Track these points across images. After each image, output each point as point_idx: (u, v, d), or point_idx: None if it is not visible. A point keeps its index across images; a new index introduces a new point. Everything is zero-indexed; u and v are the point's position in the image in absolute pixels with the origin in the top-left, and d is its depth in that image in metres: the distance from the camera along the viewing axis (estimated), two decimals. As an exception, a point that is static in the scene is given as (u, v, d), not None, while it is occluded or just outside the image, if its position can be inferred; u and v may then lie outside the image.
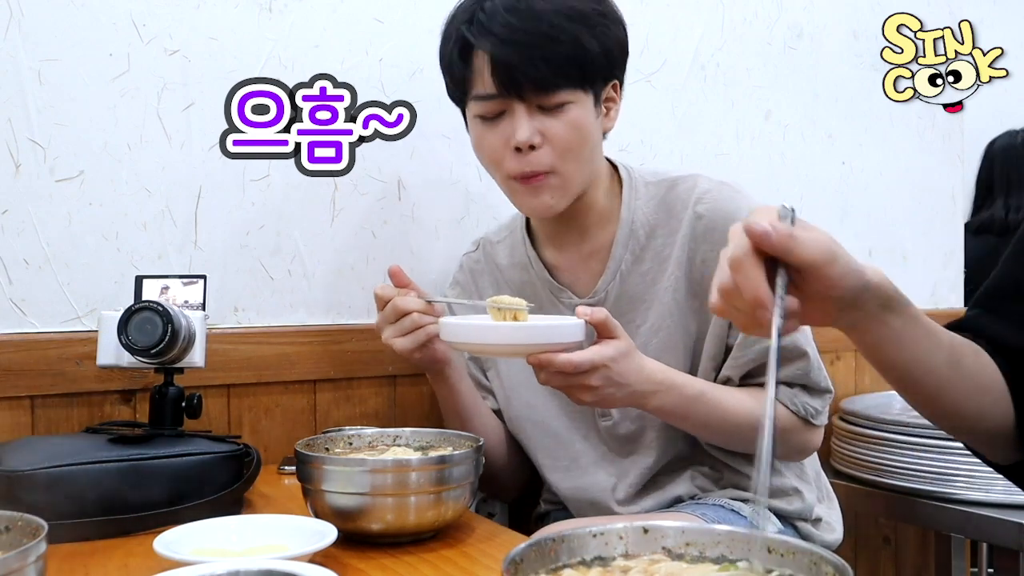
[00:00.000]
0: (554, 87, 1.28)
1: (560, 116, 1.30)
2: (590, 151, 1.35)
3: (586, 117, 1.32)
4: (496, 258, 1.53)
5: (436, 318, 1.30)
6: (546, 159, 1.31)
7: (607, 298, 1.40)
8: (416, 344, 1.31)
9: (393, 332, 1.32)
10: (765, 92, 2.04)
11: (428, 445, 1.26)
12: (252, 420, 1.57)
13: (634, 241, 1.40)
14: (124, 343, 1.24)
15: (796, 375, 1.35)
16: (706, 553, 0.77)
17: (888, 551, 2.14)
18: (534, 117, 1.30)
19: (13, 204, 1.43)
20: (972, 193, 3.13)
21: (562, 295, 1.44)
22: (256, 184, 1.58)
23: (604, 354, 1.17)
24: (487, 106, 1.32)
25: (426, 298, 1.33)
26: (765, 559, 0.75)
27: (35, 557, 0.76)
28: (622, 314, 1.38)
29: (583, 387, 1.19)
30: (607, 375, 1.18)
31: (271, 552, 0.97)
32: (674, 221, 1.38)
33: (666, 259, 1.38)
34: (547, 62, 1.26)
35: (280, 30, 1.59)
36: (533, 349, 1.16)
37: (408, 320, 1.31)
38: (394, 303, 1.31)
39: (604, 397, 1.20)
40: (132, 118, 1.49)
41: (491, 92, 1.30)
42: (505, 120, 1.31)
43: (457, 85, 1.36)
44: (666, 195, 1.40)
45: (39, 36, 1.43)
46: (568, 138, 1.30)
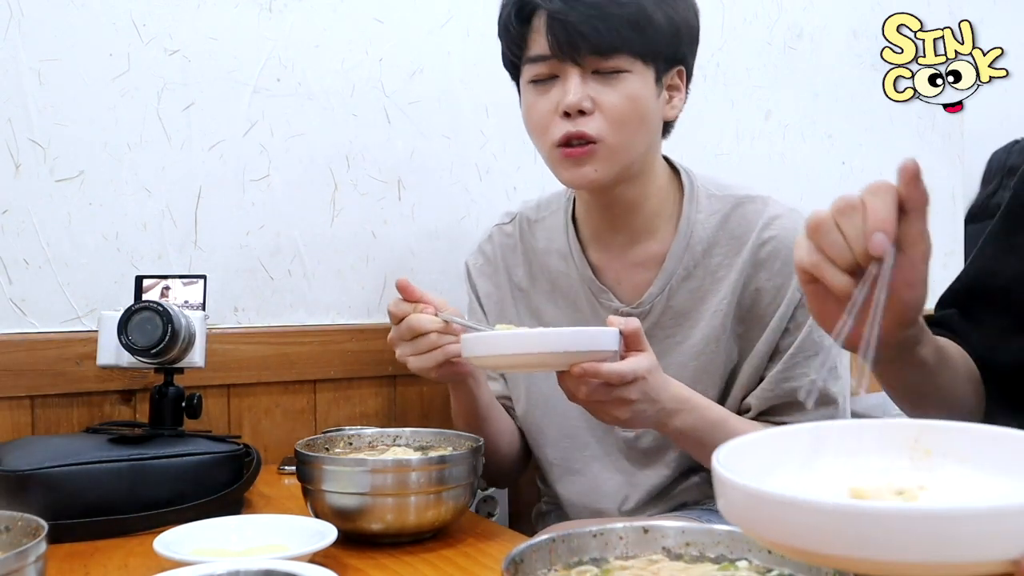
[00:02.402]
0: (611, 50, 1.21)
1: (615, 84, 1.23)
2: (644, 129, 1.27)
3: (643, 91, 1.25)
4: (533, 238, 1.45)
5: (455, 336, 1.23)
6: (595, 127, 1.23)
7: (652, 311, 1.34)
8: (435, 364, 1.24)
9: (409, 350, 1.25)
10: (765, 92, 2.04)
11: (428, 445, 1.26)
12: (252, 420, 1.57)
13: (689, 255, 1.33)
14: (124, 343, 1.24)
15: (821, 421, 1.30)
16: (706, 553, 0.77)
17: (888, 551, 2.14)
18: (588, 83, 1.23)
19: (13, 204, 1.43)
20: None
21: (603, 297, 1.36)
22: (256, 184, 1.58)
23: (642, 365, 1.09)
24: (540, 68, 1.26)
25: (442, 315, 1.24)
26: (765, 559, 0.75)
27: (35, 557, 0.76)
28: (664, 328, 1.34)
29: (621, 401, 1.10)
30: (643, 388, 1.10)
31: (271, 552, 0.97)
32: (736, 243, 1.31)
33: (720, 280, 1.31)
34: (606, 22, 1.20)
35: (280, 30, 1.59)
36: (572, 358, 1.06)
37: (425, 341, 1.24)
38: (409, 322, 1.24)
39: (637, 414, 1.11)
40: (132, 118, 1.49)
41: (545, 53, 1.24)
42: (557, 85, 1.25)
43: (512, 46, 1.29)
44: (731, 213, 1.33)
45: (39, 36, 1.43)
46: (621, 108, 1.23)
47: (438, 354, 1.24)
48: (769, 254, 1.30)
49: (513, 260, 1.47)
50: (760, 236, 1.30)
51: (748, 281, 1.31)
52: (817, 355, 1.29)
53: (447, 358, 1.24)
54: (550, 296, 1.42)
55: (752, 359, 1.31)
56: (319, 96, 1.62)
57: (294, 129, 1.60)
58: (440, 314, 1.24)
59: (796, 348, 1.28)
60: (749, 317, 1.32)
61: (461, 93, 1.73)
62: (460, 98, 1.73)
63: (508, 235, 1.48)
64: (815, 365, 1.28)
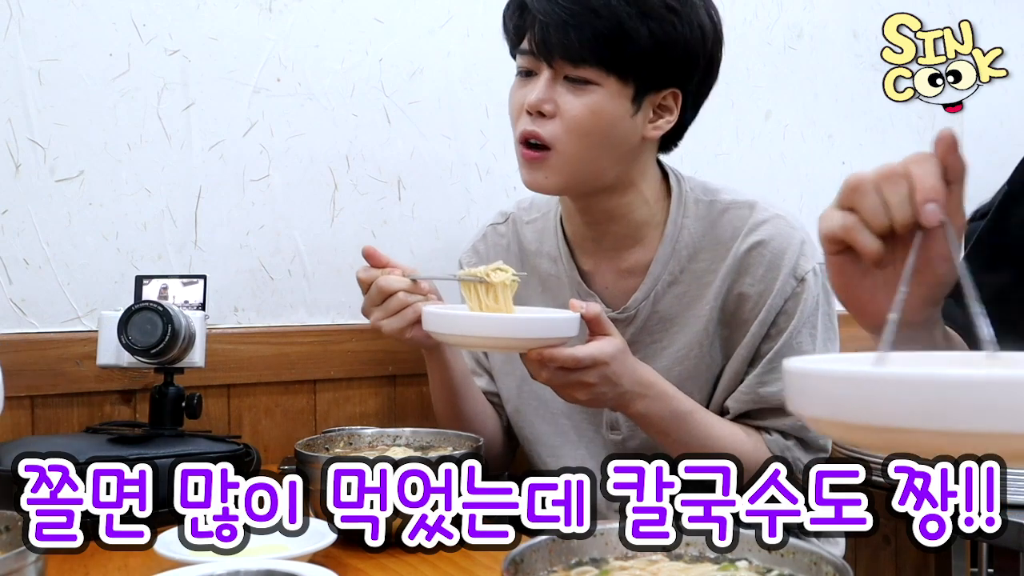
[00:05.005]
0: (580, 60, 1.22)
1: (581, 94, 1.24)
2: (607, 144, 1.26)
3: (610, 107, 1.24)
4: (525, 239, 1.47)
5: (424, 295, 1.28)
6: (550, 131, 1.25)
7: (638, 316, 1.36)
8: (405, 323, 1.27)
9: (380, 314, 1.28)
10: (765, 92, 2.03)
11: (428, 445, 1.26)
12: (252, 420, 1.57)
13: (675, 261, 1.34)
14: (124, 343, 1.24)
15: (795, 427, 1.30)
16: (706, 553, 0.77)
17: (888, 551, 2.14)
18: (555, 87, 1.24)
19: (13, 204, 1.43)
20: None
21: (591, 300, 1.36)
22: (256, 184, 1.58)
23: (604, 351, 1.15)
24: (523, 60, 1.28)
25: (410, 276, 1.29)
26: (765, 559, 0.75)
27: (35, 557, 0.76)
28: (650, 333, 1.36)
29: (580, 384, 1.16)
30: (604, 373, 1.15)
31: (271, 552, 0.97)
32: (721, 248, 1.32)
33: (706, 286, 1.33)
34: (579, 32, 1.20)
35: (280, 30, 1.59)
36: (529, 344, 1.12)
37: (395, 300, 1.27)
38: (378, 284, 1.28)
39: (596, 396, 1.18)
40: (132, 118, 1.49)
41: (527, 48, 1.27)
42: (533, 82, 1.27)
43: (509, 36, 1.32)
44: (718, 219, 1.34)
45: (39, 36, 1.43)
46: (580, 119, 1.23)
47: (408, 313, 1.27)
48: (753, 259, 1.30)
49: (506, 260, 1.47)
50: (745, 241, 1.31)
51: (732, 286, 1.32)
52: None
53: (418, 316, 1.26)
54: (540, 296, 1.43)
55: (733, 363, 1.33)
56: (319, 96, 1.62)
57: (294, 129, 1.60)
58: (407, 274, 1.28)
59: (775, 353, 1.29)
60: (733, 322, 1.33)
61: (461, 93, 1.72)
62: (460, 98, 1.72)
63: (501, 235, 1.50)
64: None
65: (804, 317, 1.30)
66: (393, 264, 1.30)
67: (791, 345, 1.29)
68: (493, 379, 1.51)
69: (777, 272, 1.30)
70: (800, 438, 1.31)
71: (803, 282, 1.30)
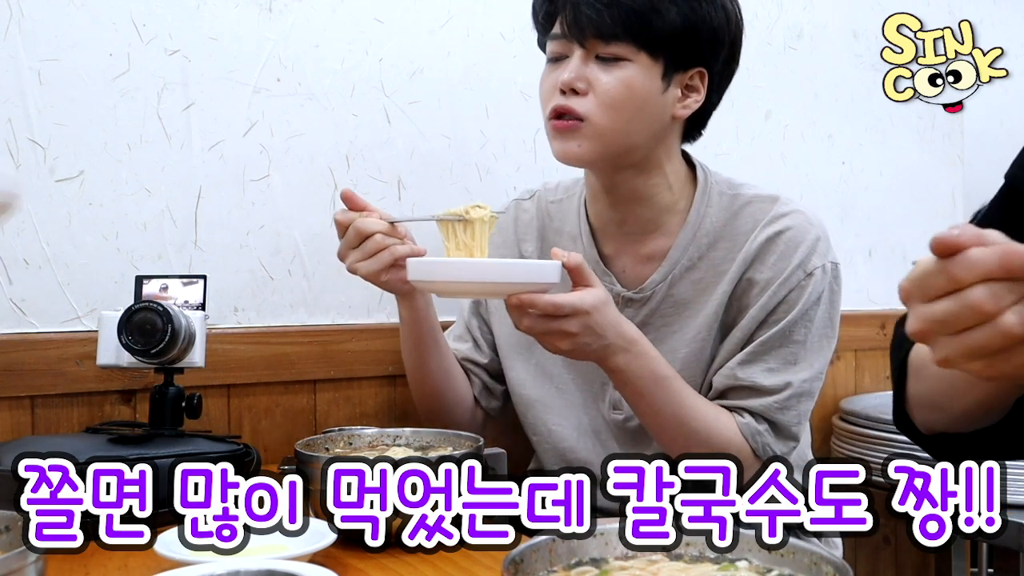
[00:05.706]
0: (612, 37, 1.26)
1: (613, 69, 1.27)
2: (640, 118, 1.30)
3: (641, 81, 1.28)
4: (548, 218, 1.50)
5: (400, 238, 1.29)
6: (584, 105, 1.28)
7: (652, 298, 1.38)
8: (382, 266, 1.28)
9: (357, 256, 1.29)
10: (765, 92, 2.04)
11: (428, 445, 1.26)
12: (252, 420, 1.57)
13: (694, 247, 1.37)
14: (124, 343, 1.24)
15: (770, 408, 1.30)
16: (706, 553, 0.77)
17: (888, 551, 2.14)
18: (588, 65, 1.28)
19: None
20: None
21: (605, 280, 1.39)
22: (256, 184, 1.58)
23: (585, 300, 1.15)
24: (554, 46, 1.32)
25: (388, 219, 1.29)
26: (765, 559, 0.75)
27: (35, 557, 0.76)
28: (663, 316, 1.38)
29: (561, 333, 1.16)
30: (587, 323, 1.16)
31: (271, 552, 0.97)
32: (740, 238, 1.35)
33: (722, 274, 1.35)
34: (612, 9, 1.25)
35: (280, 30, 1.59)
36: (509, 289, 1.12)
37: (372, 243, 1.28)
38: (355, 226, 1.28)
39: (579, 346, 1.18)
40: (132, 118, 1.49)
41: (558, 33, 1.30)
42: (563, 64, 1.30)
43: (539, 23, 1.36)
44: (740, 211, 1.37)
45: (39, 36, 1.43)
46: (614, 92, 1.27)
47: (385, 255, 1.28)
48: (768, 248, 1.33)
49: (526, 234, 1.51)
50: (763, 231, 1.34)
51: (744, 272, 1.34)
52: (783, 348, 1.31)
53: (394, 259, 1.27)
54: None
55: (727, 344, 1.35)
56: (319, 96, 1.62)
57: (294, 129, 1.60)
58: (384, 218, 1.29)
59: (766, 339, 1.31)
60: (737, 306, 1.35)
61: (461, 93, 1.73)
62: (460, 98, 1.73)
63: (525, 210, 1.53)
64: (778, 356, 1.31)
65: (803, 311, 1.31)
66: (371, 208, 1.31)
67: (785, 335, 1.31)
68: (479, 348, 1.53)
69: (787, 262, 1.32)
70: (772, 421, 1.31)
71: (810, 276, 1.32)
